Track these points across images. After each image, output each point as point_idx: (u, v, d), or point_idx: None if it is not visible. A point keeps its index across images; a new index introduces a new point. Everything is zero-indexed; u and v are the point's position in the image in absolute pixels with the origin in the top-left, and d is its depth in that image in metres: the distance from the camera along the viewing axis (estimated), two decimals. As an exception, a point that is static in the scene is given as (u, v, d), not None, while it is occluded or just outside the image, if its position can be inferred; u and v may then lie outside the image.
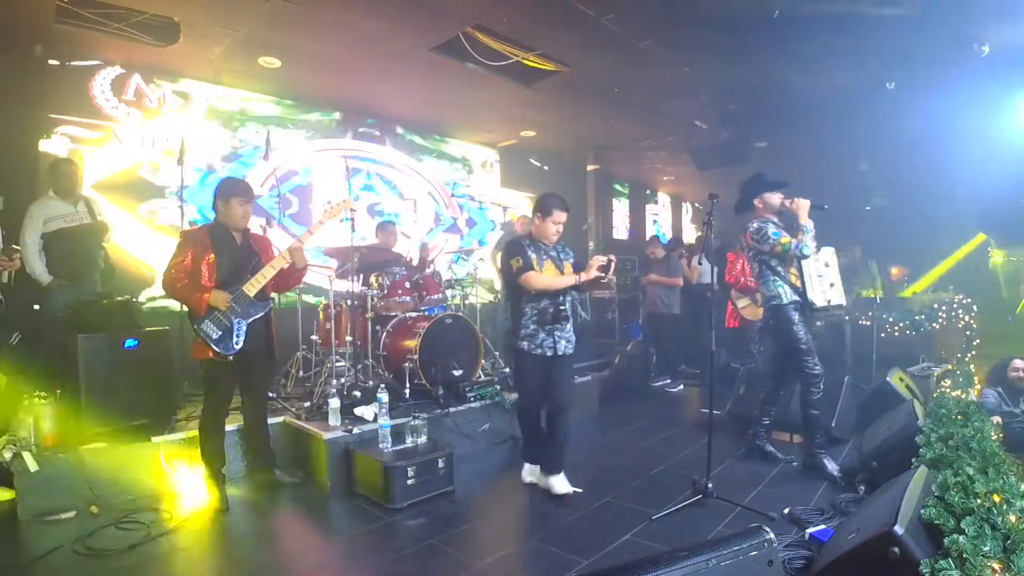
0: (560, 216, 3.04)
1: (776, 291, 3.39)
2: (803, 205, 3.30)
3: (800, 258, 3.34)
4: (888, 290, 7.03)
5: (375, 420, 3.39)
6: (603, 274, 2.90)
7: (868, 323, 5.69)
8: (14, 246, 3.59)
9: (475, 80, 5.37)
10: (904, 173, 7.42)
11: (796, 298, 3.36)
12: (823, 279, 3.43)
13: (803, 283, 3.36)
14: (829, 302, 3.41)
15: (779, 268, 3.39)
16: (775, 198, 3.44)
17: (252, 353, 3.00)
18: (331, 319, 4.18)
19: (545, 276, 2.98)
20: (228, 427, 3.17)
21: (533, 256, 3.01)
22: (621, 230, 10.30)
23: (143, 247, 4.98)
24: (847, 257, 6.26)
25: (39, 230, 3.64)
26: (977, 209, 7.02)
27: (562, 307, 2.98)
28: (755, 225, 3.42)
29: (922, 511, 1.81)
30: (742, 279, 5.32)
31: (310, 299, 5.77)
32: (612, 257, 2.92)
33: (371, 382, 4.02)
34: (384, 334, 4.22)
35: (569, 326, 3.05)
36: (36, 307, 3.72)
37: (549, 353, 3.00)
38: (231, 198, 2.96)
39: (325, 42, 4.63)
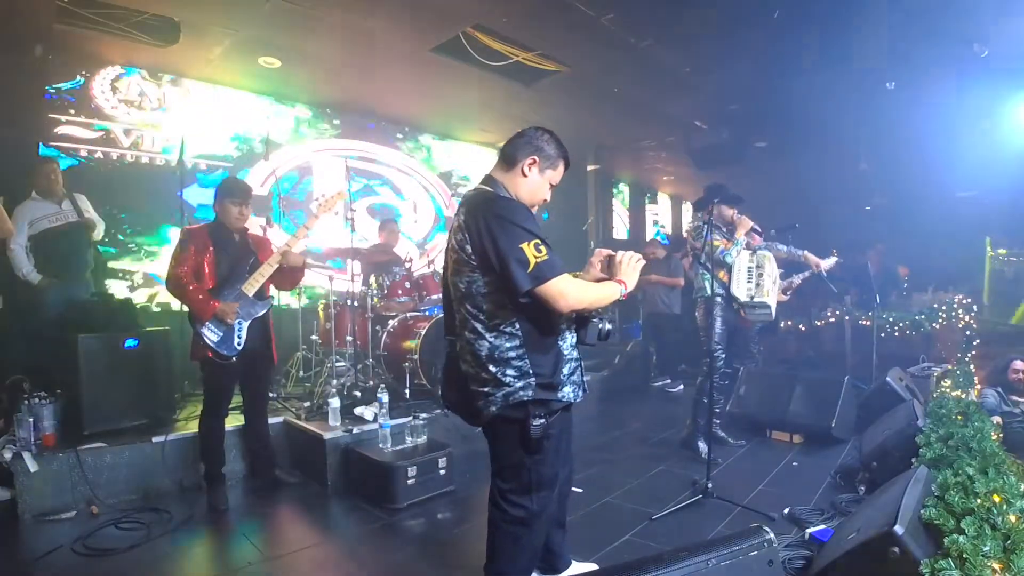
0: (561, 174, 1.89)
1: (703, 284, 3.76)
2: (744, 224, 3.66)
3: (721, 264, 3.63)
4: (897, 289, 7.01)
5: (375, 420, 3.39)
6: None
7: (868, 323, 5.68)
8: None
9: (475, 80, 5.37)
10: (904, 173, 7.42)
11: (720, 292, 3.65)
12: (752, 278, 3.71)
13: (730, 278, 3.66)
14: (752, 298, 3.66)
15: (708, 264, 3.70)
16: (728, 210, 3.78)
17: (252, 353, 3.01)
18: (331, 319, 4.18)
19: (585, 286, 1.73)
20: (228, 427, 3.17)
21: None
22: (621, 230, 10.30)
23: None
24: (868, 256, 6.23)
25: (25, 232, 3.65)
26: (977, 209, 7.01)
27: (608, 318, 1.84)
28: (695, 224, 3.86)
29: (922, 511, 1.81)
30: None
31: (310, 299, 5.77)
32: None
33: (371, 382, 4.03)
34: (384, 334, 4.22)
35: None
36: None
37: (584, 392, 1.86)
38: (225, 199, 2.99)
39: (325, 42, 4.63)
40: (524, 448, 1.72)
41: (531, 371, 1.68)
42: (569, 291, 1.60)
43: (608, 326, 1.82)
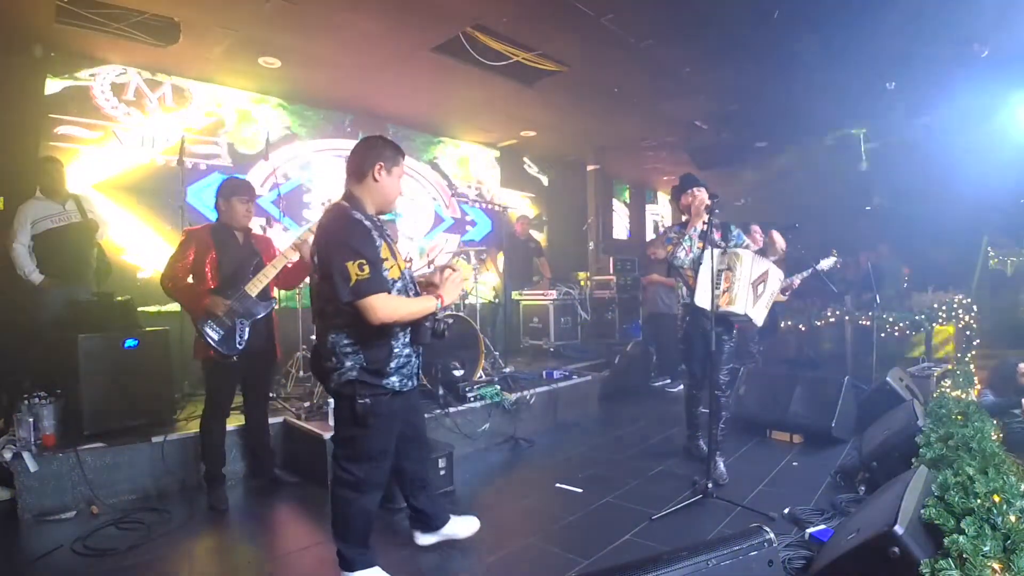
0: (403, 167, 2.12)
1: (680, 291, 3.47)
2: (697, 210, 3.24)
3: (676, 265, 3.36)
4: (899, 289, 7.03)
5: (375, 420, 3.39)
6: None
7: (868, 323, 5.69)
8: None
9: (475, 80, 5.37)
10: (904, 173, 7.43)
11: (688, 299, 3.34)
12: (720, 283, 3.16)
13: (695, 282, 3.23)
14: (717, 307, 3.11)
15: (681, 269, 3.41)
16: (686, 199, 3.41)
17: (254, 353, 3.00)
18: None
19: (399, 302, 1.98)
20: (228, 427, 3.17)
21: (386, 255, 1.99)
22: (621, 230, 10.30)
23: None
24: (872, 256, 6.23)
25: (28, 231, 3.64)
26: (977, 209, 7.02)
27: (444, 320, 2.12)
28: (663, 232, 3.53)
29: (922, 511, 1.81)
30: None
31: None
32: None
33: (371, 382, 4.02)
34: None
35: None
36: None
37: (415, 382, 2.17)
38: (232, 197, 2.98)
39: (325, 42, 4.63)
40: (353, 421, 2.00)
41: (361, 361, 1.98)
42: (380, 307, 1.88)
43: (441, 326, 2.09)
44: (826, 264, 4.89)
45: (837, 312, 6.28)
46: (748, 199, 8.54)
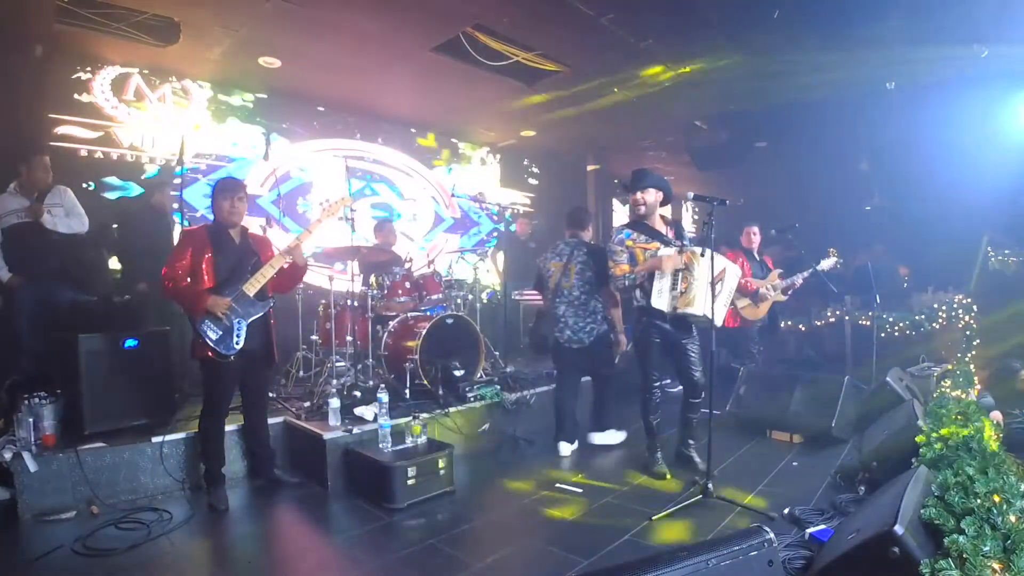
0: None
1: (634, 295, 3.28)
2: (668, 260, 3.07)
3: (616, 286, 3.30)
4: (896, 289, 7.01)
5: (375, 420, 3.39)
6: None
7: (868, 323, 5.68)
8: None
9: (475, 80, 5.38)
10: (904, 173, 7.42)
11: (642, 301, 3.21)
12: (676, 284, 3.03)
13: (650, 284, 3.10)
14: (675, 308, 3.02)
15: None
16: (634, 199, 3.26)
17: (252, 352, 3.00)
18: (331, 319, 4.18)
19: None
20: (228, 427, 3.17)
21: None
22: (621, 230, 10.28)
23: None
24: (868, 257, 6.22)
25: None
26: (977, 209, 7.01)
27: None
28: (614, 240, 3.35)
29: (922, 511, 1.81)
30: (741, 279, 5.30)
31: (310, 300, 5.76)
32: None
33: (371, 382, 4.02)
34: (385, 334, 4.22)
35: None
36: None
37: None
38: (217, 196, 3.00)
39: (325, 42, 4.64)
40: (610, 348, 3.84)
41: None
42: None
43: None
44: (826, 264, 4.89)
45: (837, 312, 6.27)
46: (748, 199, 8.52)
